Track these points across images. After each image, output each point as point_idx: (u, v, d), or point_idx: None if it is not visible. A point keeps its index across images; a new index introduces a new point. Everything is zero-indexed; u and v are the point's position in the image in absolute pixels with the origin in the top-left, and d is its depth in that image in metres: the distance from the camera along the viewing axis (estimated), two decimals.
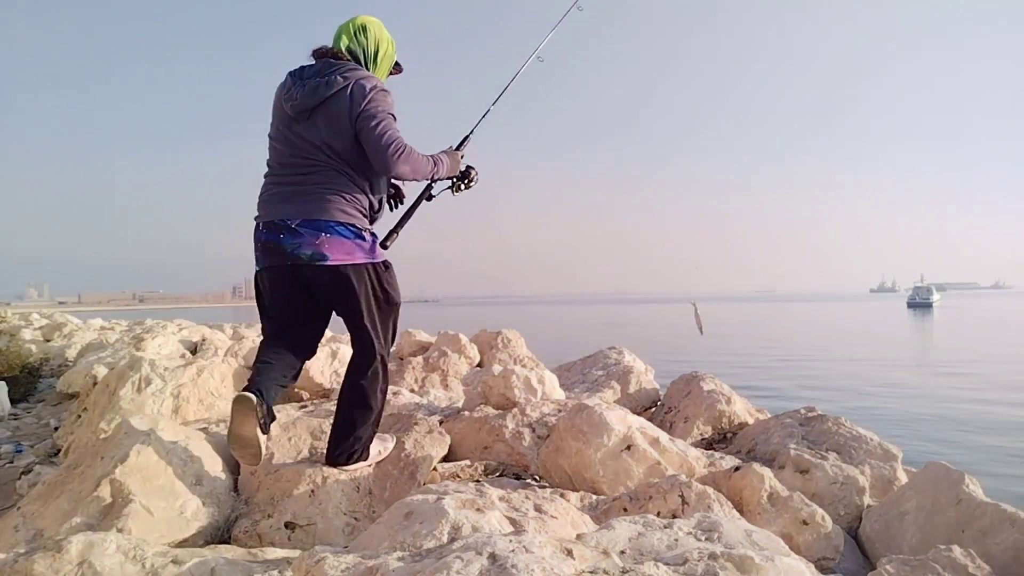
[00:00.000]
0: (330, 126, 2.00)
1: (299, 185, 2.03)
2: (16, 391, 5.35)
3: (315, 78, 2.02)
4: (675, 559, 1.19)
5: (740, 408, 3.14)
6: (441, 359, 3.96)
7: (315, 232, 1.98)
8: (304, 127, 2.03)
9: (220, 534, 1.98)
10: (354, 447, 2.13)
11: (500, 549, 1.11)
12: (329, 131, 2.01)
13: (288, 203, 2.02)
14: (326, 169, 2.02)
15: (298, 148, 2.04)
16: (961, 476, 1.97)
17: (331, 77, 2.01)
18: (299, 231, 1.98)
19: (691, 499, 1.79)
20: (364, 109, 1.98)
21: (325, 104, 2.00)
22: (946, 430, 9.35)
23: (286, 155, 2.07)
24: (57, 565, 1.32)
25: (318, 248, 1.98)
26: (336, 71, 2.02)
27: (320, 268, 2.00)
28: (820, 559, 1.86)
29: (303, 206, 2.00)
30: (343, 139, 2.01)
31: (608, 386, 3.60)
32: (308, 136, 2.02)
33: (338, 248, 2.00)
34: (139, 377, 3.11)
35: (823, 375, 15.83)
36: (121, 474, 1.87)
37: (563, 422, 2.28)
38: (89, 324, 11.13)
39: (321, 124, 2.01)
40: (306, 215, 1.99)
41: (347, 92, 2.00)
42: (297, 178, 2.04)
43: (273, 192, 2.08)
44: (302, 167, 2.03)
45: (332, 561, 1.22)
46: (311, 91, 2.01)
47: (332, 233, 1.99)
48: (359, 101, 1.99)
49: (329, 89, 2.00)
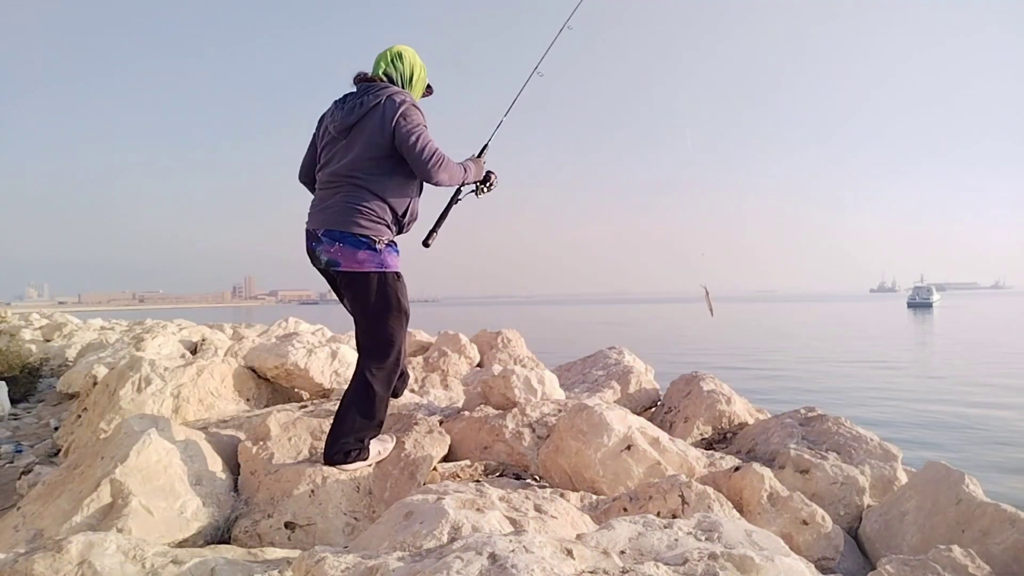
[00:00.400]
0: (365, 141, 2.22)
1: (329, 200, 2.27)
2: (16, 391, 5.34)
3: (357, 100, 2.26)
4: (675, 559, 1.19)
5: (740, 408, 3.14)
6: (441, 359, 3.96)
7: (331, 241, 2.23)
8: (343, 145, 2.27)
9: (220, 534, 1.98)
10: (352, 446, 2.21)
11: (500, 549, 1.11)
12: (361, 145, 2.23)
13: (319, 215, 2.29)
14: (349, 186, 2.24)
15: (333, 167, 2.28)
16: (961, 476, 1.97)
17: (366, 97, 2.25)
18: (322, 239, 2.25)
19: (691, 499, 1.79)
20: (398, 122, 2.19)
21: (362, 121, 2.24)
22: (946, 430, 9.35)
23: (324, 172, 2.32)
24: (57, 565, 1.32)
25: (333, 255, 2.23)
26: (371, 91, 2.26)
27: (337, 273, 2.27)
28: (820, 559, 1.86)
29: (327, 217, 2.25)
30: (372, 152, 2.22)
31: (608, 386, 3.60)
32: (344, 154, 2.26)
33: (349, 256, 2.22)
34: (139, 377, 3.11)
35: (823, 375, 15.83)
36: (121, 474, 1.87)
37: (563, 422, 2.28)
38: (89, 324, 11.13)
39: (357, 140, 2.24)
40: (327, 226, 2.24)
41: (380, 108, 2.22)
42: (328, 192, 2.29)
43: (313, 205, 2.36)
44: (333, 184, 2.27)
45: (332, 561, 1.22)
46: (349, 111, 2.25)
47: (345, 243, 2.21)
48: (391, 115, 2.20)
49: (364, 108, 2.23)
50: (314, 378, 3.46)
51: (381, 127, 2.20)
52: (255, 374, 3.54)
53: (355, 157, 2.23)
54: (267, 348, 3.57)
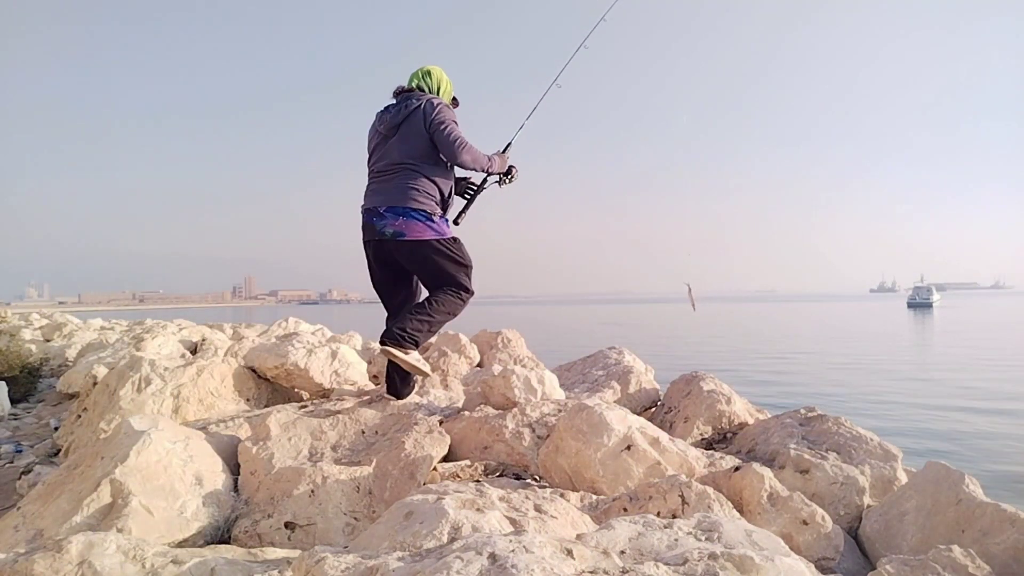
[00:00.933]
0: (411, 136, 2.71)
1: (388, 183, 2.73)
2: (16, 391, 5.34)
3: (400, 106, 2.76)
4: (675, 559, 1.19)
5: (740, 408, 3.13)
6: (441, 359, 3.96)
7: (395, 216, 2.67)
8: (393, 141, 2.75)
9: (220, 534, 1.98)
10: (411, 334, 2.66)
11: (500, 549, 1.11)
12: (411, 139, 2.71)
13: (379, 195, 2.73)
14: (406, 171, 2.71)
15: (388, 157, 2.75)
16: (961, 476, 1.97)
17: (409, 102, 2.76)
18: (385, 215, 2.68)
19: (691, 499, 1.78)
20: (434, 118, 2.68)
21: (407, 120, 2.72)
22: (946, 430, 9.35)
23: (380, 163, 2.78)
24: (57, 565, 1.32)
25: (398, 227, 2.66)
26: (412, 98, 2.77)
27: (400, 242, 2.68)
28: (820, 559, 1.85)
29: (388, 196, 2.70)
30: (420, 144, 2.70)
31: (608, 386, 3.60)
32: (396, 147, 2.73)
33: (412, 228, 2.67)
34: (139, 377, 3.11)
35: (823, 375, 15.82)
36: (121, 474, 1.87)
37: (563, 422, 2.28)
38: (89, 324, 11.12)
39: (405, 135, 2.72)
40: (390, 203, 2.68)
41: (421, 109, 2.71)
42: (387, 177, 2.74)
43: (372, 188, 2.80)
44: (391, 170, 2.73)
45: (332, 561, 1.22)
46: (396, 113, 2.75)
47: (408, 217, 2.67)
48: (430, 113, 2.69)
49: (408, 109, 2.73)
50: (314, 378, 3.46)
51: (423, 123, 2.69)
52: (255, 374, 3.54)
53: (408, 148, 2.71)
54: (267, 348, 3.57)
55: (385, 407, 2.74)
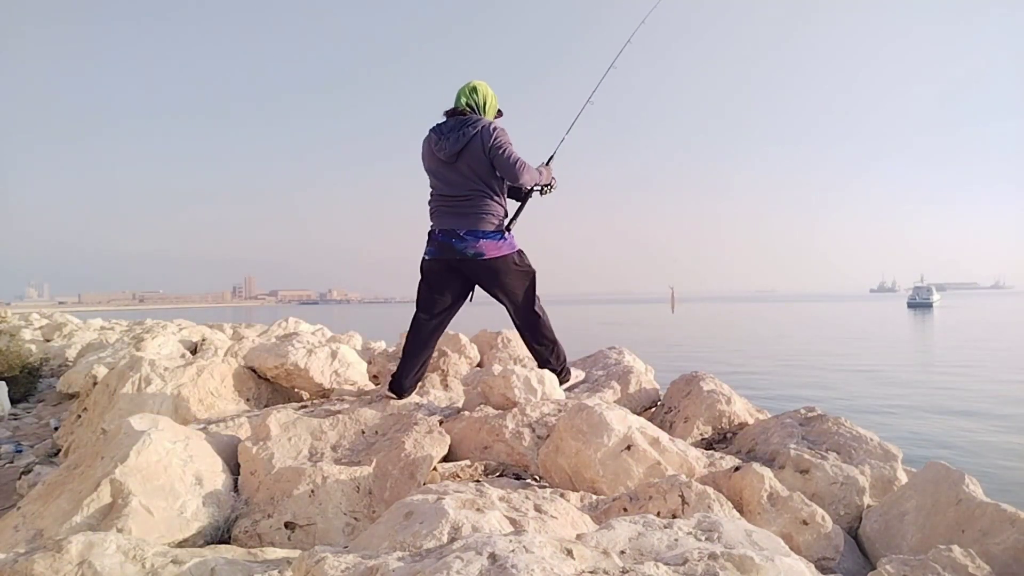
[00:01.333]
0: (473, 162, 2.97)
1: (462, 207, 3.02)
2: (16, 391, 5.34)
3: (454, 132, 2.97)
4: (675, 559, 1.19)
5: (740, 408, 3.13)
6: (441, 359, 3.96)
7: (475, 238, 2.99)
8: (456, 167, 3.00)
9: (220, 534, 1.98)
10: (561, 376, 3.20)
11: (500, 549, 1.11)
12: (474, 166, 2.97)
13: (457, 218, 3.02)
14: (477, 196, 3.02)
15: (455, 183, 3.02)
16: (961, 476, 1.97)
17: (465, 129, 2.96)
18: (465, 238, 2.99)
19: (691, 499, 1.78)
20: (493, 144, 2.93)
21: (467, 148, 2.95)
22: (946, 430, 9.35)
23: (447, 188, 3.05)
24: (57, 565, 1.32)
25: (478, 248, 2.99)
26: (467, 124, 2.98)
27: (480, 261, 3.01)
28: (820, 559, 1.85)
29: (466, 220, 3.01)
30: (483, 170, 2.98)
31: (608, 386, 3.59)
32: (462, 172, 3.00)
33: (491, 247, 3.02)
34: (139, 377, 3.11)
35: (823, 375, 15.82)
36: (121, 474, 1.87)
37: (563, 422, 2.28)
38: (89, 324, 11.12)
39: (468, 161, 2.97)
40: (469, 227, 3.00)
41: (479, 136, 2.94)
42: (459, 202, 3.03)
43: (445, 211, 3.06)
44: (462, 195, 3.02)
45: (332, 561, 1.22)
46: (455, 141, 2.96)
47: (487, 238, 3.01)
48: (488, 139, 2.94)
49: (466, 138, 2.94)
50: (314, 378, 3.46)
51: (483, 149, 2.94)
52: (255, 374, 3.54)
53: (473, 175, 2.98)
54: (267, 348, 3.57)
55: (385, 407, 2.74)
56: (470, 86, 3.11)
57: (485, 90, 3.13)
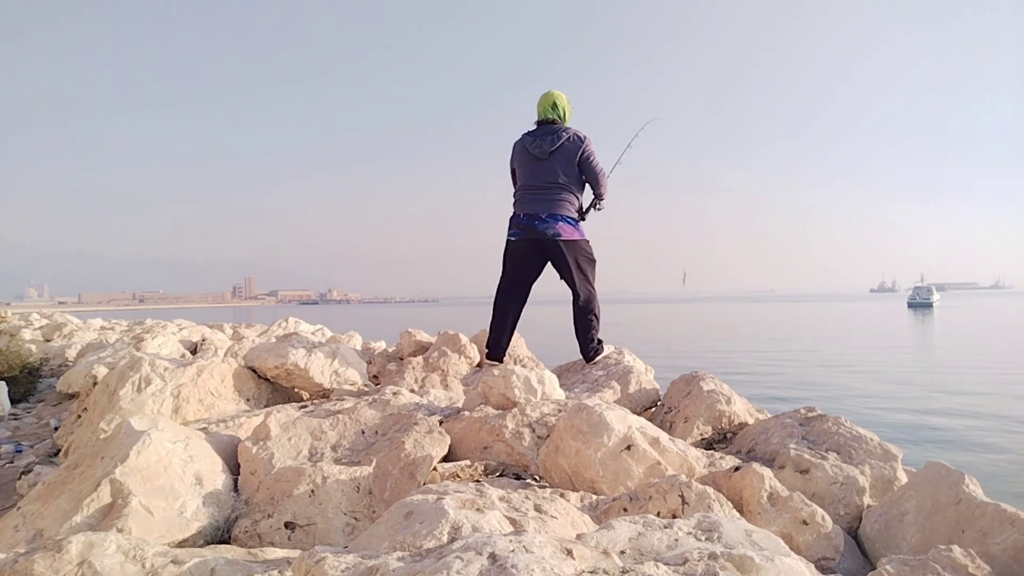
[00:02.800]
0: (563, 162, 3.65)
1: (546, 196, 3.67)
2: (16, 391, 5.34)
3: (549, 136, 3.66)
4: (675, 559, 1.19)
5: (740, 408, 3.13)
6: (441, 359, 3.96)
7: (555, 221, 3.64)
8: (546, 163, 3.66)
9: (220, 534, 1.98)
10: (597, 347, 3.86)
11: (500, 549, 1.11)
12: (563, 164, 3.65)
13: (540, 204, 3.67)
14: (559, 188, 3.67)
15: (543, 177, 3.67)
16: (961, 476, 1.97)
17: (557, 134, 3.66)
18: (547, 220, 3.64)
19: (691, 499, 1.78)
20: (586, 152, 3.66)
21: (558, 150, 3.64)
22: (946, 430, 9.35)
23: (533, 180, 3.70)
24: (57, 565, 1.32)
25: (557, 230, 3.63)
26: (559, 130, 3.68)
27: (558, 241, 3.64)
28: (820, 559, 1.85)
29: (549, 206, 3.65)
30: (569, 168, 3.66)
31: (608, 386, 3.59)
32: (551, 167, 3.66)
33: (567, 231, 3.65)
34: (139, 377, 3.11)
35: (823, 375, 15.82)
36: (121, 474, 1.87)
37: (563, 422, 2.28)
38: (89, 324, 11.11)
39: (558, 160, 3.65)
40: (551, 211, 3.64)
41: (570, 141, 3.64)
42: (544, 192, 3.68)
43: (530, 199, 3.71)
44: (546, 185, 3.67)
45: (332, 561, 1.22)
46: (550, 143, 3.64)
47: (564, 222, 3.65)
48: (579, 146, 3.65)
49: (559, 141, 3.64)
50: (314, 378, 3.46)
51: (573, 153, 3.63)
52: (255, 374, 3.53)
53: (561, 171, 3.64)
54: (267, 348, 3.57)
55: (385, 407, 2.74)
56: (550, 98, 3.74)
57: (564, 102, 3.77)
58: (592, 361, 3.82)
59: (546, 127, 3.69)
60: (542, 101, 3.76)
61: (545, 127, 3.70)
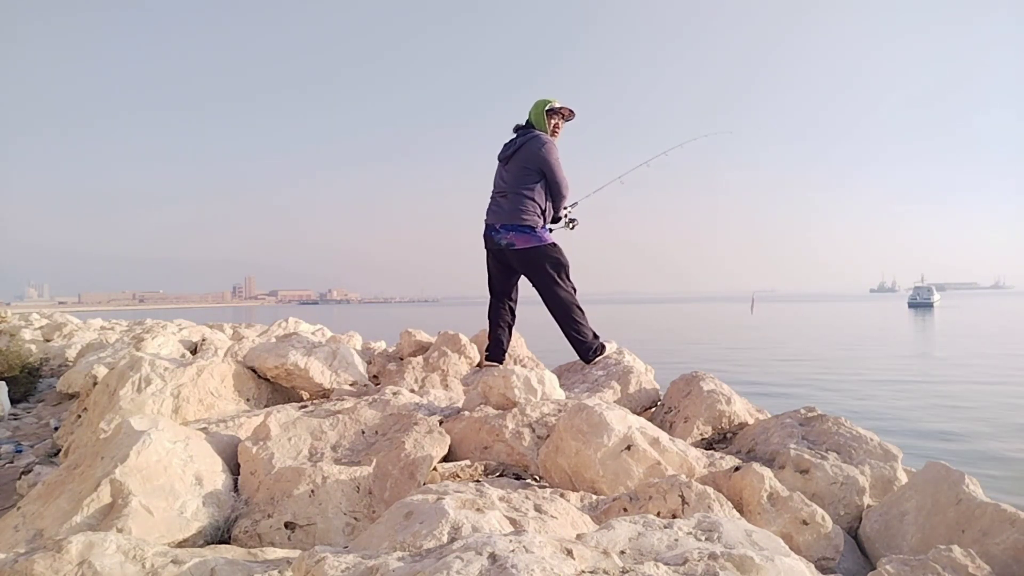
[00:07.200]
0: (518, 168, 3.60)
1: (503, 202, 3.64)
2: (16, 391, 5.34)
3: (515, 142, 3.67)
4: (675, 559, 1.19)
5: (740, 408, 3.13)
6: (441, 359, 3.96)
7: (507, 231, 3.59)
8: (505, 169, 3.67)
9: (220, 534, 1.98)
10: (592, 348, 3.76)
11: (500, 549, 1.11)
12: (518, 171, 3.60)
13: (496, 213, 3.66)
14: (514, 194, 3.60)
15: (500, 181, 3.69)
16: (961, 476, 1.97)
17: (517, 139, 3.66)
18: (499, 231, 3.61)
19: (691, 499, 1.78)
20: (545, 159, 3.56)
21: (515, 154, 3.61)
22: (947, 430, 9.34)
23: (495, 186, 3.72)
24: (57, 565, 1.32)
25: (511, 239, 3.59)
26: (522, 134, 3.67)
27: (513, 251, 3.60)
28: (820, 559, 1.85)
29: (502, 215, 3.62)
30: (525, 175, 3.58)
31: (608, 386, 3.59)
32: (507, 173, 3.65)
33: (520, 240, 3.58)
34: (139, 377, 3.11)
35: (823, 375, 15.82)
36: (121, 474, 1.87)
37: (563, 422, 2.28)
38: (89, 324, 11.11)
39: (514, 166, 3.61)
40: (503, 221, 3.61)
41: (527, 146, 3.59)
42: (501, 199, 3.66)
43: (492, 207, 3.71)
44: (504, 193, 3.65)
45: (332, 561, 1.22)
46: (512, 148, 3.64)
47: (516, 231, 3.58)
48: (535, 151, 3.57)
49: (517, 146, 3.62)
50: (314, 378, 3.45)
51: (529, 158, 3.57)
52: (255, 374, 3.53)
53: (514, 176, 3.59)
54: (267, 348, 3.57)
55: (385, 407, 2.74)
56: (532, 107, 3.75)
57: (535, 105, 3.73)
58: (592, 361, 3.79)
59: (519, 132, 3.70)
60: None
61: (518, 132, 3.71)
